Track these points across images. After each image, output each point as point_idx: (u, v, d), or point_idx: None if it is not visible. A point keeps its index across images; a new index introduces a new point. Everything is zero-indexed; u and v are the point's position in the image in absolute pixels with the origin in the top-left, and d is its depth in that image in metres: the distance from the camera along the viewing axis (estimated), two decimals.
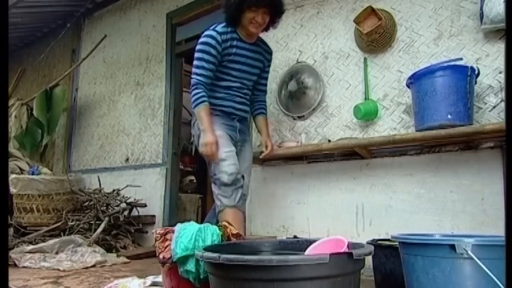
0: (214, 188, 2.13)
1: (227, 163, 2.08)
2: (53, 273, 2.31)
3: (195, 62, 2.13)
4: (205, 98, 2.10)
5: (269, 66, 2.46)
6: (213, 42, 2.09)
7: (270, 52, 2.44)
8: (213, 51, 2.09)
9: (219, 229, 1.55)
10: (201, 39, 2.12)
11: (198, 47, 2.12)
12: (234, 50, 2.17)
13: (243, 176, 2.19)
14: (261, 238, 2.51)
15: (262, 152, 2.48)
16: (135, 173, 3.92)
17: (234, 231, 1.59)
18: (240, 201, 2.10)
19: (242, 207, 2.13)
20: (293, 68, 2.85)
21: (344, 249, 1.08)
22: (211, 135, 2.06)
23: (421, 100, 2.05)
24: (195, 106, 2.10)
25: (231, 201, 2.06)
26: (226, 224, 1.63)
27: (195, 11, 3.66)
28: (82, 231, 3.14)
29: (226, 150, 2.11)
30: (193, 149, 2.38)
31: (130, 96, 4.19)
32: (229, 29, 2.15)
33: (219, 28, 2.13)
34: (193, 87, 2.11)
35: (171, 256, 1.44)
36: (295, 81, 2.78)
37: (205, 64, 2.10)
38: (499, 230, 1.24)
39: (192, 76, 2.13)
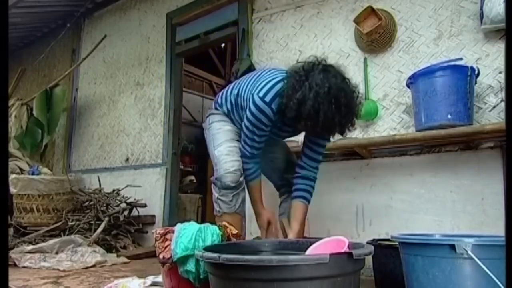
0: (214, 191, 1.94)
1: (230, 159, 1.87)
2: (53, 273, 2.31)
3: (246, 132, 1.82)
4: (259, 172, 1.92)
5: (323, 139, 1.94)
6: (266, 121, 1.76)
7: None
8: (265, 128, 1.78)
9: (219, 229, 1.55)
10: (254, 112, 1.75)
11: (251, 119, 1.77)
12: (278, 126, 1.87)
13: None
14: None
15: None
16: (135, 173, 3.92)
17: (234, 231, 1.59)
18: (240, 206, 1.93)
19: (241, 211, 1.97)
20: None
21: (345, 249, 1.08)
22: (265, 213, 1.94)
23: (421, 100, 2.05)
24: (248, 181, 1.92)
25: (231, 209, 1.90)
26: (226, 224, 1.63)
27: (195, 11, 3.66)
28: (82, 231, 3.14)
29: (229, 145, 1.91)
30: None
31: (130, 96, 4.19)
32: (281, 106, 1.70)
33: (274, 104, 1.72)
34: (245, 161, 1.88)
35: (171, 256, 1.44)
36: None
37: (257, 138, 1.82)
38: (499, 230, 1.24)
39: (243, 147, 1.87)
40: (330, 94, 1.55)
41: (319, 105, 1.54)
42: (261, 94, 1.73)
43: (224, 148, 1.91)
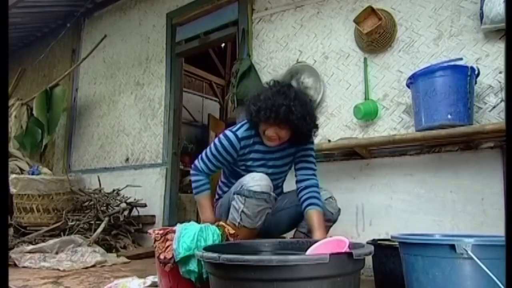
0: (236, 202, 1.77)
1: (258, 175, 1.79)
2: (53, 273, 2.31)
3: (207, 152, 1.92)
4: (208, 186, 1.93)
5: (306, 146, 1.94)
6: (229, 147, 1.85)
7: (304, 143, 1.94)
8: (225, 155, 1.87)
9: (219, 229, 1.55)
10: (220, 138, 1.89)
11: (215, 142, 1.90)
12: (251, 156, 1.89)
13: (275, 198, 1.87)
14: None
15: None
16: (135, 173, 3.92)
17: (232, 231, 1.59)
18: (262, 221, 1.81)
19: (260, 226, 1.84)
20: (293, 68, 2.84)
21: (346, 249, 1.08)
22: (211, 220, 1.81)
23: (421, 100, 2.05)
24: (197, 193, 1.93)
25: (253, 224, 1.76)
26: (224, 224, 1.64)
27: (195, 11, 3.66)
28: (82, 231, 3.14)
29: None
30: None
31: (130, 96, 4.19)
32: (252, 132, 1.87)
33: (241, 132, 1.87)
34: (194, 173, 1.92)
35: (172, 256, 1.44)
36: (295, 81, 2.78)
37: (213, 160, 1.89)
38: (499, 230, 1.24)
39: (198, 161, 1.93)
40: (277, 89, 1.78)
41: (270, 95, 1.74)
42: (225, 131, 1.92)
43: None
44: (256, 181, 1.74)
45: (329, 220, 1.90)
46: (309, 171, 1.91)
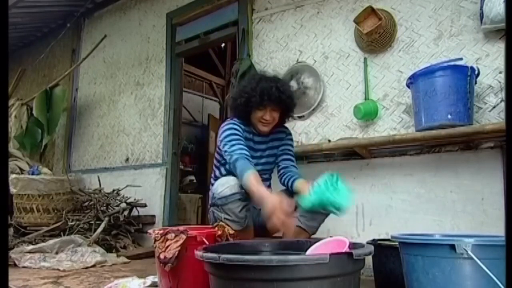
0: (216, 214, 1.85)
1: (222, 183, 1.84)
2: (53, 273, 2.31)
3: (222, 144, 1.89)
4: (250, 165, 1.76)
5: (286, 141, 2.14)
6: (236, 126, 1.94)
7: (286, 133, 2.16)
8: (238, 131, 1.92)
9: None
10: (223, 127, 1.96)
11: (222, 133, 1.93)
12: (251, 144, 1.99)
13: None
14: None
15: None
16: (135, 173, 3.92)
17: (231, 231, 1.59)
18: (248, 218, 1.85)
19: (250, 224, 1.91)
20: (293, 68, 2.84)
21: (346, 249, 1.08)
22: (272, 197, 1.53)
23: (421, 100, 2.05)
24: (242, 176, 1.70)
25: (242, 224, 1.81)
26: (224, 224, 1.64)
27: (195, 11, 3.66)
28: (82, 231, 3.14)
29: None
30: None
31: (130, 96, 4.19)
32: (243, 126, 1.99)
33: (236, 121, 1.98)
34: (233, 159, 1.79)
35: (172, 256, 1.44)
36: (295, 81, 2.78)
37: (234, 140, 1.87)
38: (499, 230, 1.24)
39: (225, 156, 1.86)
40: (250, 77, 2.00)
41: (255, 84, 1.89)
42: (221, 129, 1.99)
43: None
44: (223, 185, 1.78)
45: None
46: (290, 162, 2.08)
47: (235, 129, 1.93)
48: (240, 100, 1.92)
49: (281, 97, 1.89)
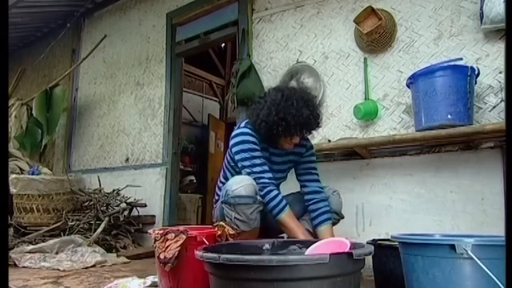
0: (227, 211, 1.78)
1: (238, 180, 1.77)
2: (53, 273, 2.31)
3: (240, 157, 1.82)
4: (285, 202, 1.77)
5: (309, 157, 2.05)
6: (252, 138, 1.84)
7: (307, 147, 2.05)
8: (256, 144, 1.84)
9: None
10: (239, 135, 1.86)
11: (237, 142, 1.84)
12: (267, 155, 1.91)
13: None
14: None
15: None
16: (135, 173, 3.92)
17: (232, 231, 1.59)
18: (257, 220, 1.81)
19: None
20: (293, 68, 2.85)
21: (346, 250, 1.08)
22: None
23: (421, 100, 2.05)
24: (278, 214, 1.75)
25: (250, 226, 1.77)
26: (224, 224, 1.64)
27: (195, 11, 3.66)
28: (82, 231, 3.14)
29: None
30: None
31: (130, 96, 4.19)
32: (254, 139, 1.86)
33: (252, 128, 1.86)
34: (265, 190, 1.76)
35: (172, 256, 1.44)
36: (295, 81, 2.78)
37: (255, 158, 1.80)
38: (499, 230, 1.24)
39: (246, 171, 1.81)
40: (286, 97, 1.76)
41: (282, 108, 1.74)
42: (233, 133, 1.90)
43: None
44: (239, 183, 1.72)
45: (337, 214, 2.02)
46: (318, 183, 2.00)
47: (252, 142, 1.83)
48: (276, 129, 1.76)
49: (315, 127, 1.85)
